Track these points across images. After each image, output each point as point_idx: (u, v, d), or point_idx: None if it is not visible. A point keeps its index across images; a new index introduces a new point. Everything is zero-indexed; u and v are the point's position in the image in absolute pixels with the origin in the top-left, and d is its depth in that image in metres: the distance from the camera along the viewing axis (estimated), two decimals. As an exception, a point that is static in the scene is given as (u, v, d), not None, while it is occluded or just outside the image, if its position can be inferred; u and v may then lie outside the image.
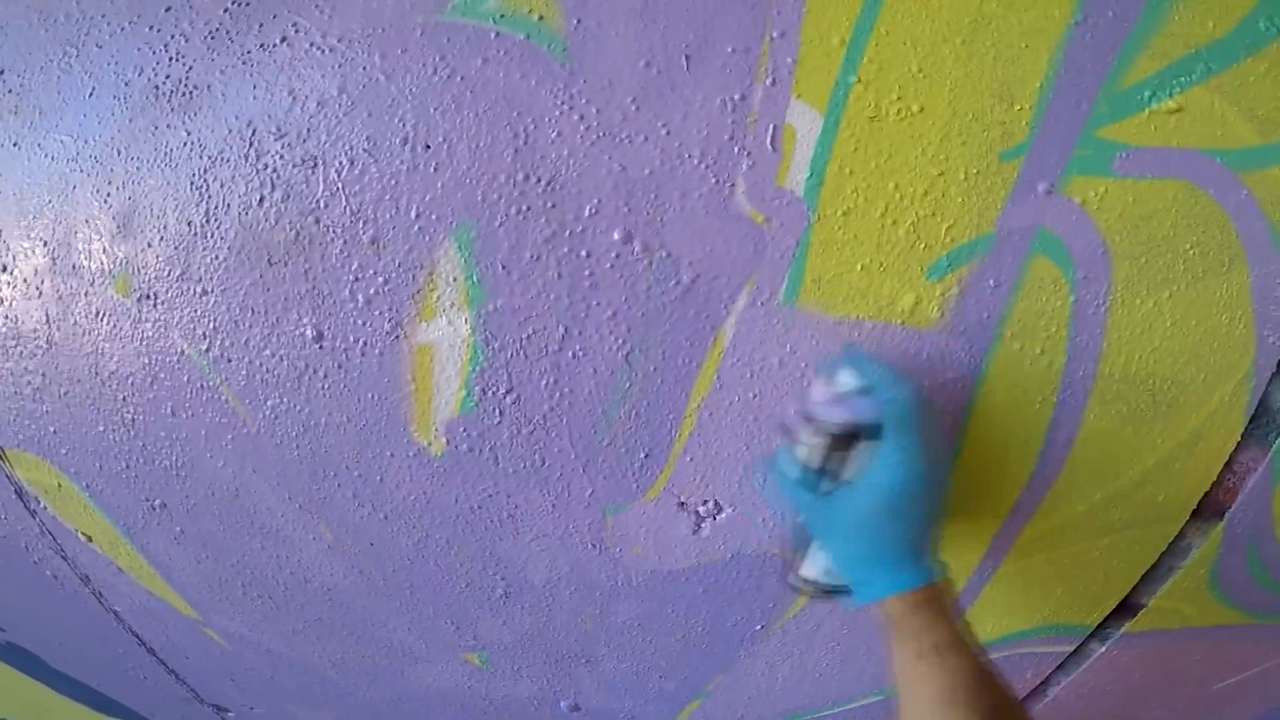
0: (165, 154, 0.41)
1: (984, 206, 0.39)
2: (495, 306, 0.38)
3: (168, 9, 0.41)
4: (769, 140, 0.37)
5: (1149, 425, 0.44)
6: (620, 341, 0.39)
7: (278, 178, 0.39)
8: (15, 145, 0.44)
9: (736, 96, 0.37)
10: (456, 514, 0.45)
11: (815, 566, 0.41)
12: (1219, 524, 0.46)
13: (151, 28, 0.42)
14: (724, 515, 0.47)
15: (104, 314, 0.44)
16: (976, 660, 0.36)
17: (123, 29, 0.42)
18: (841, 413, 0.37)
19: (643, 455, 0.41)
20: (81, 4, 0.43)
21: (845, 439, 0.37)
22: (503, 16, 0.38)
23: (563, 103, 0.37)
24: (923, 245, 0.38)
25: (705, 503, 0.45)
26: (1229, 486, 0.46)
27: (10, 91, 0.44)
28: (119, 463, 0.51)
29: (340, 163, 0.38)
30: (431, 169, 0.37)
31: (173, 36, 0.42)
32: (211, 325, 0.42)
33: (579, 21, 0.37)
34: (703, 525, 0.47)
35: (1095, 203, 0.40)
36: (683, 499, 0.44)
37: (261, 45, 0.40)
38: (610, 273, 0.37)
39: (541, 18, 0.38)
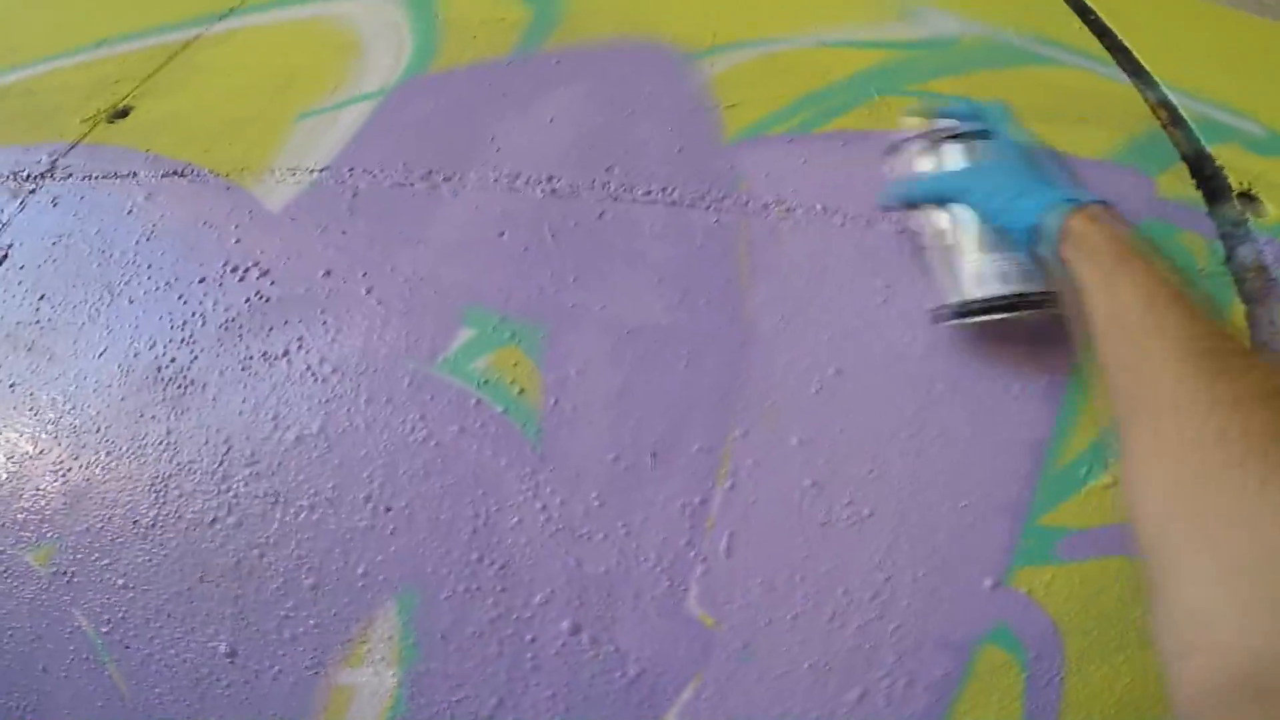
0: (139, 448, 0.43)
1: (931, 607, 0.41)
2: (428, 669, 0.38)
3: (201, 280, 0.45)
4: (723, 546, 0.39)
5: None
6: (557, 719, 0.38)
7: (236, 504, 0.40)
8: (11, 387, 0.46)
9: (697, 500, 0.40)
10: None
11: (988, 279, 0.40)
12: None
13: (181, 297, 0.45)
14: None
15: (11, 573, 0.42)
16: (1182, 280, 0.31)
17: (157, 290, 0.46)
18: (961, 125, 0.44)
19: (570, 832, 0.39)
20: (139, 249, 0.48)
21: (964, 141, 0.43)
22: (486, 382, 0.41)
23: (529, 489, 0.39)
24: (869, 645, 0.39)
25: None
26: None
27: (38, 323, 0.47)
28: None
29: (300, 506, 0.40)
30: (388, 532, 0.39)
31: (193, 315, 0.45)
32: (120, 615, 0.41)
33: (556, 402, 0.41)
34: None
35: (1042, 590, 0.42)
36: None
37: (265, 354, 0.44)
38: (554, 658, 0.37)
39: (522, 391, 0.41)
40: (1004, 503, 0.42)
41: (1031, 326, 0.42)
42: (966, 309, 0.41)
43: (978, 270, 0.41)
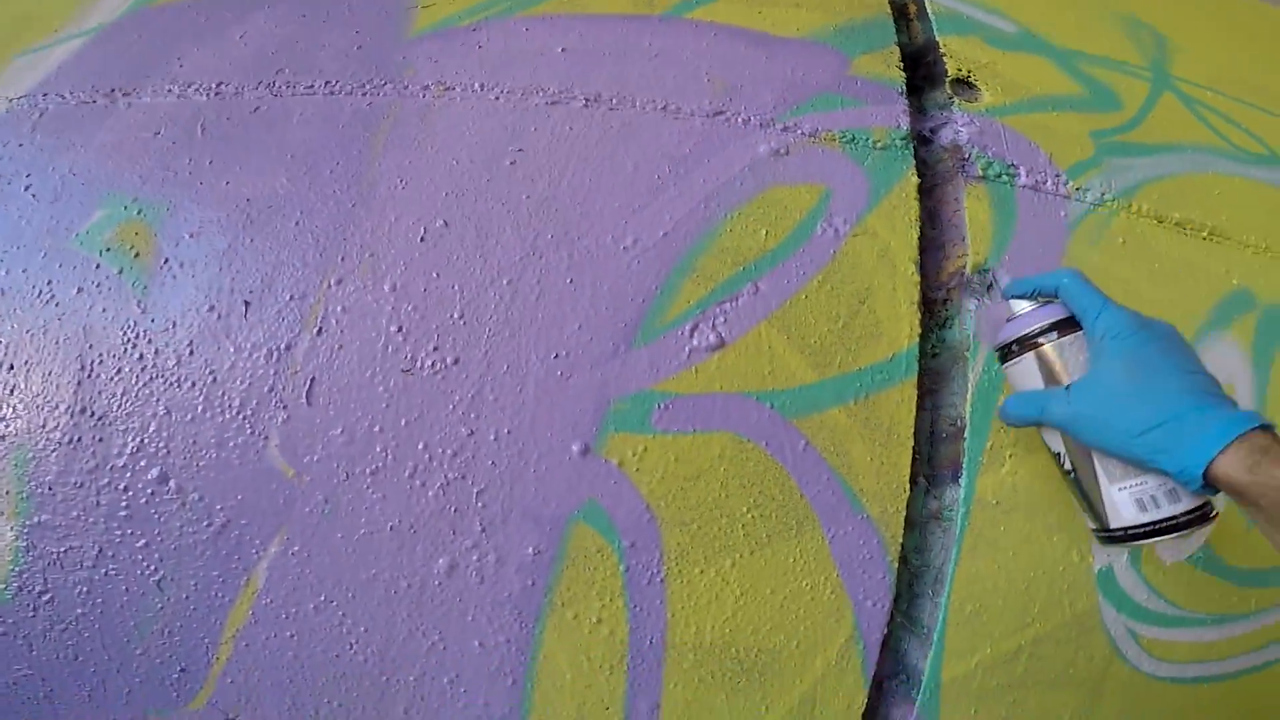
0: None
1: (517, 470, 0.41)
2: (39, 521, 0.41)
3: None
4: (305, 395, 0.41)
5: (743, 692, 0.42)
6: (152, 568, 0.40)
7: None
8: None
9: (283, 346, 0.42)
10: (-9, 687, 0.45)
11: (1122, 510, 0.36)
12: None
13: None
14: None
15: None
16: None
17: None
18: (1039, 317, 0.38)
19: (179, 669, 0.41)
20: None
21: (1052, 342, 0.37)
22: (107, 250, 0.45)
23: (129, 341, 0.42)
24: (453, 509, 0.40)
25: (256, 724, 0.43)
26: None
27: None
28: None
29: (-55, 372, 0.44)
30: (9, 391, 0.42)
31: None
32: None
33: (165, 261, 0.44)
34: (266, 753, 0.45)
35: (634, 463, 0.41)
36: (230, 715, 0.42)
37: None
38: (145, 507, 0.40)
39: (138, 254, 0.44)
40: (597, 358, 0.42)
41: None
42: (1112, 538, 0.37)
43: (1110, 501, 0.37)
